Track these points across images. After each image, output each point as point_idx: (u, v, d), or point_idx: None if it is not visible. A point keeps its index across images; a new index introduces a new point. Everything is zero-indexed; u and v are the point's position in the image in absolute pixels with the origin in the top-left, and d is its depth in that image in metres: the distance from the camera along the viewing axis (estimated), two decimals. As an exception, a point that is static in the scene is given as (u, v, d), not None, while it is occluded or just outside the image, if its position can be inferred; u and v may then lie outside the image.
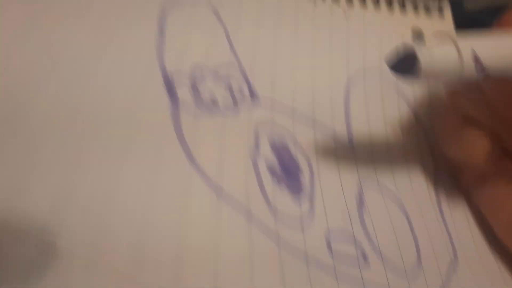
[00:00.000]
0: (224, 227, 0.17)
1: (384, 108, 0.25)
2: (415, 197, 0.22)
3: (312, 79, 0.23)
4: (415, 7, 0.30)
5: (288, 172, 0.20)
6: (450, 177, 0.24)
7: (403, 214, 0.21)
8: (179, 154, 0.18)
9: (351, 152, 0.22)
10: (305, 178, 0.20)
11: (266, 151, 0.20)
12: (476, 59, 0.17)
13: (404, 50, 0.18)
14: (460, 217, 0.23)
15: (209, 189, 0.17)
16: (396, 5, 0.30)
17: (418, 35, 0.29)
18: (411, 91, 0.27)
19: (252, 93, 0.21)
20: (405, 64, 0.18)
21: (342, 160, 0.22)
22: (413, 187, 0.23)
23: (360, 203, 0.20)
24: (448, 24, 0.31)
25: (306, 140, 0.21)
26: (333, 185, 0.20)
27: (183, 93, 0.19)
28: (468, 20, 0.32)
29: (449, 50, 0.17)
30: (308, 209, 0.19)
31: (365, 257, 0.19)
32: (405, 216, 0.21)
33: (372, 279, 0.18)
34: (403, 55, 0.18)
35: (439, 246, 0.21)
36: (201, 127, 0.19)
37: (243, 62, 0.22)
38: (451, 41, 0.18)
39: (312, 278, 0.17)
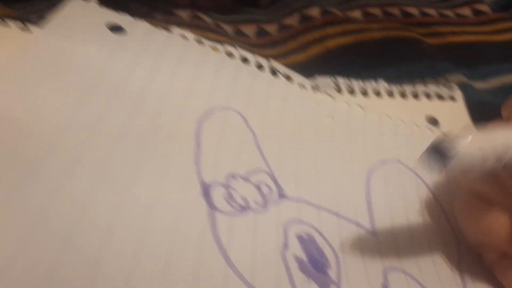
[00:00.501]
0: None
1: (404, 194, 0.27)
2: (441, 283, 0.23)
3: (333, 174, 0.26)
4: (428, 96, 0.33)
5: (316, 266, 0.21)
6: (474, 258, 0.25)
7: None
8: (217, 254, 0.20)
9: (375, 243, 0.24)
10: (332, 271, 0.21)
11: (295, 247, 0.22)
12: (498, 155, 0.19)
13: (438, 144, 0.18)
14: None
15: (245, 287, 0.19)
16: (409, 96, 0.32)
17: (433, 121, 0.31)
18: (430, 176, 0.28)
19: (280, 193, 0.23)
20: (436, 157, 0.18)
21: (367, 251, 0.23)
22: (438, 272, 0.24)
23: None
24: (460, 107, 0.33)
25: (331, 234, 0.23)
26: (359, 277, 0.22)
27: (219, 200, 0.22)
28: (479, 102, 0.34)
29: (474, 149, 0.18)
30: None
31: None
32: None
33: None
34: (438, 148, 0.18)
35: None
36: (234, 227, 0.21)
37: (271, 166, 0.24)
38: (473, 136, 0.19)
39: None
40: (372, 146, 0.28)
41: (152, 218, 0.19)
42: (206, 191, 0.21)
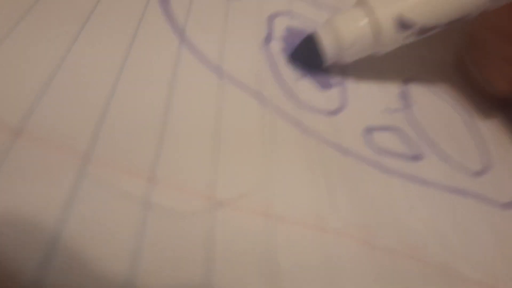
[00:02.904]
0: (229, 107, 0.14)
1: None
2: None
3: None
4: None
5: (310, 62, 0.17)
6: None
7: (457, 113, 0.19)
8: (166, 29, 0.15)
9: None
10: (334, 68, 0.17)
11: (281, 36, 0.17)
12: (403, 22, 0.15)
13: (305, 38, 0.16)
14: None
15: (206, 69, 0.14)
16: None
17: None
18: None
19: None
20: (307, 52, 0.16)
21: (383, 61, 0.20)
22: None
23: (406, 102, 0.19)
24: None
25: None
26: (372, 83, 0.18)
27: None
28: None
29: (359, 25, 0.15)
30: (340, 104, 0.16)
31: (417, 153, 0.16)
32: (461, 115, 0.19)
33: (428, 176, 0.15)
34: (303, 43, 0.16)
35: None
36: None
37: None
38: (362, 10, 0.15)
39: (350, 167, 0.14)
40: None
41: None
42: None
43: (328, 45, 0.15)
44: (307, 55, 0.16)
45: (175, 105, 0.12)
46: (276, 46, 0.17)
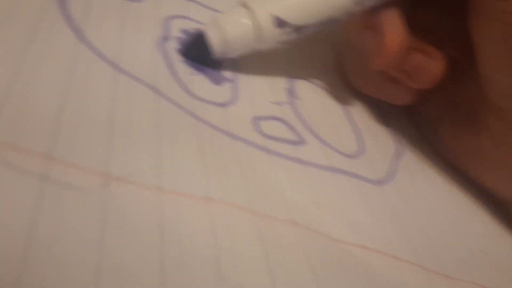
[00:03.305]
0: (124, 97, 0.14)
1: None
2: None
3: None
4: None
5: (201, 58, 0.18)
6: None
7: (337, 106, 0.21)
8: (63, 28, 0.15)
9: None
10: (226, 66, 0.19)
11: (178, 40, 0.19)
12: (279, 20, 0.17)
13: (194, 35, 0.18)
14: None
15: (104, 64, 0.15)
16: None
17: None
18: None
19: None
20: (197, 48, 0.18)
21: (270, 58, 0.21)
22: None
23: (292, 96, 0.20)
24: None
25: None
26: (260, 80, 0.20)
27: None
28: None
29: (242, 22, 0.17)
30: (231, 97, 0.18)
31: (301, 139, 0.18)
32: (340, 108, 0.22)
33: (310, 158, 0.17)
34: (193, 40, 0.18)
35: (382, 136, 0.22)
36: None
37: None
38: (244, 9, 0.17)
39: (238, 150, 0.15)
40: None
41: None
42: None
43: (215, 41, 0.17)
44: (197, 52, 0.17)
45: (72, 94, 0.13)
46: (172, 45, 0.18)
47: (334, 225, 0.15)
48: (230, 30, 0.17)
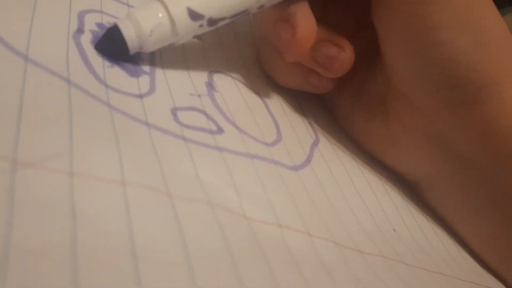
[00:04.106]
0: (35, 87, 0.14)
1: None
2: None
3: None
4: None
5: (115, 52, 0.18)
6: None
7: (256, 97, 0.22)
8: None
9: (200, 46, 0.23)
10: (144, 60, 0.19)
11: (91, 30, 0.18)
12: (194, 13, 0.18)
13: (108, 29, 0.18)
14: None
15: (13, 56, 0.15)
16: None
17: None
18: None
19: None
20: (112, 43, 0.18)
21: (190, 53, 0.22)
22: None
23: (211, 88, 0.21)
24: None
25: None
26: (179, 74, 0.20)
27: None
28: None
29: (157, 15, 0.17)
30: (148, 89, 0.18)
31: (219, 128, 0.18)
32: (260, 99, 0.22)
33: (228, 146, 0.18)
34: (107, 34, 0.18)
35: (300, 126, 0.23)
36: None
37: None
38: (159, 3, 0.18)
39: (155, 138, 0.16)
40: None
41: None
42: None
43: (129, 35, 0.17)
44: (111, 46, 0.18)
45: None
46: (87, 39, 0.18)
47: (250, 206, 0.16)
48: (144, 24, 0.17)
